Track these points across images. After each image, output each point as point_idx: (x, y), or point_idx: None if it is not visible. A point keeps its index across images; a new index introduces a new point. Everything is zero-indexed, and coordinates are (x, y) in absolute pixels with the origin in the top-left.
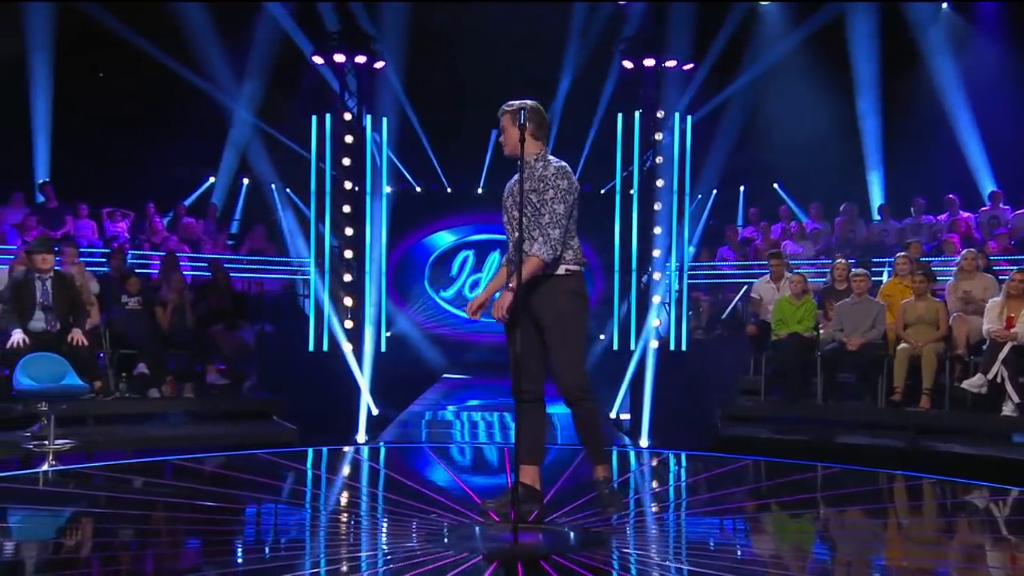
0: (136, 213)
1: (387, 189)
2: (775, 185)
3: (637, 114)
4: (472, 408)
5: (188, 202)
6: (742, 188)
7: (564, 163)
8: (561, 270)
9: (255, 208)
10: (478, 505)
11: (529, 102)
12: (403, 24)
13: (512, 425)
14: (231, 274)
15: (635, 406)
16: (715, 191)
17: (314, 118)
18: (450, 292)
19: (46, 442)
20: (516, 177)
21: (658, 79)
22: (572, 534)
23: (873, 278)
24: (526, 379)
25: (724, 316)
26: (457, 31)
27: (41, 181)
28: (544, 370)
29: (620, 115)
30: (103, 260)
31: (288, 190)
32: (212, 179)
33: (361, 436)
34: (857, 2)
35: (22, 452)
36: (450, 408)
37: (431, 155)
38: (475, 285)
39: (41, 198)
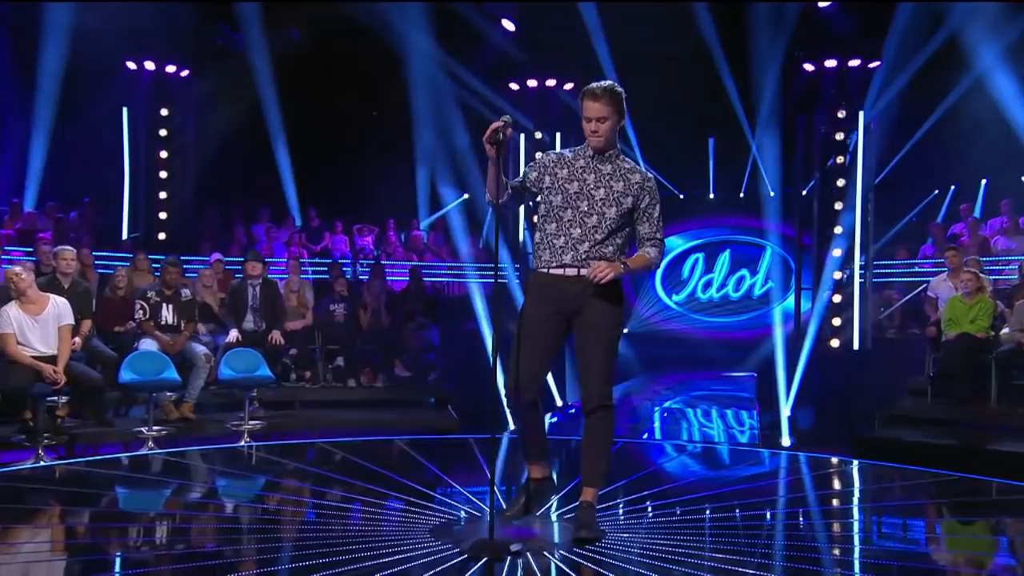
0: (380, 228)
1: None
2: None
3: (818, 115)
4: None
5: (436, 215)
6: (983, 182)
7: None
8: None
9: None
10: (502, 512)
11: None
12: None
13: (693, 420)
14: (448, 279)
15: (766, 404)
16: (953, 187)
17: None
18: (682, 295)
19: (242, 423)
20: (570, 157)
21: (841, 79)
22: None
23: None
24: (536, 382)
25: (882, 316)
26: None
27: (303, 204)
28: (547, 375)
29: (801, 117)
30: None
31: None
32: (466, 195)
33: (512, 425)
34: None
35: (226, 431)
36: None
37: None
38: (707, 286)
39: (299, 220)
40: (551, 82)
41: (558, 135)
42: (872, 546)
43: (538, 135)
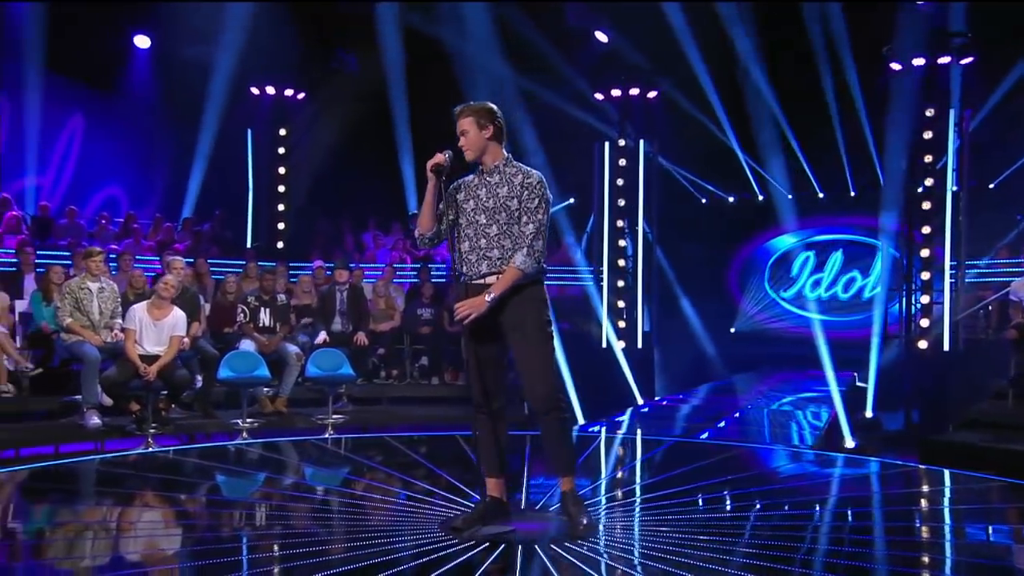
0: None
1: (730, 199)
2: None
3: (903, 115)
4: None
5: None
6: None
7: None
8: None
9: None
10: (444, 524)
11: (489, 104)
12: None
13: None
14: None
15: (853, 405)
16: None
17: (596, 145)
18: (790, 292)
19: (327, 417)
20: (469, 180)
21: (929, 77)
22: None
23: None
24: (489, 389)
25: (959, 317)
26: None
27: (412, 213)
28: (505, 381)
29: (888, 116)
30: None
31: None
32: (572, 200)
33: (581, 421)
34: None
35: (313, 424)
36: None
37: (749, 164)
38: (816, 285)
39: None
40: (635, 91)
41: (641, 142)
42: (866, 551)
43: (621, 142)
